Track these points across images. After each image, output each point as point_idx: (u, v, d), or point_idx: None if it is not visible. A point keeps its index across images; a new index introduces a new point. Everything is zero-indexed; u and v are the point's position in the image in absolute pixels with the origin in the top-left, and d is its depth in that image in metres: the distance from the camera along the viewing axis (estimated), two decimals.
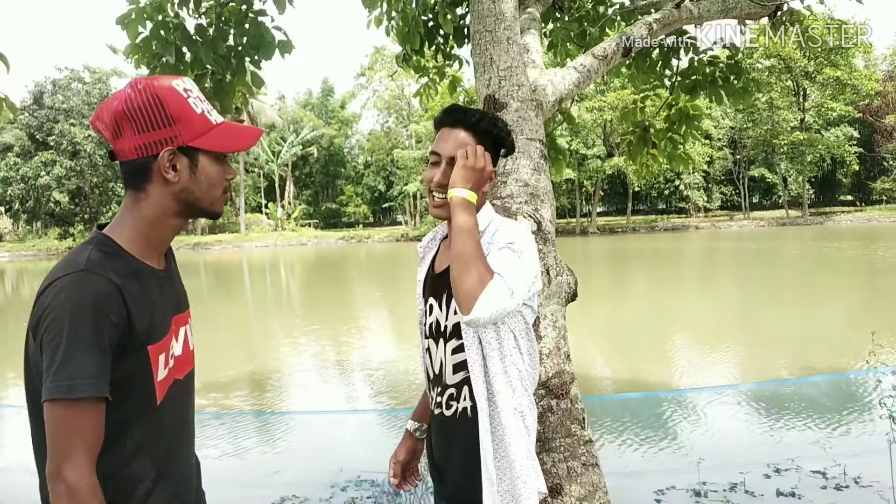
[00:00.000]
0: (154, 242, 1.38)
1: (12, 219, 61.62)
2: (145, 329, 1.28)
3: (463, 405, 1.69)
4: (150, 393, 1.31)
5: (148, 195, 1.34)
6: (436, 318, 1.76)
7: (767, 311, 13.38)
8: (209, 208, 1.41)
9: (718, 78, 4.84)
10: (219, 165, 1.39)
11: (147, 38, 3.41)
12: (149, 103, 1.29)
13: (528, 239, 1.64)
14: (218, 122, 1.37)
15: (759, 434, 5.20)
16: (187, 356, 1.46)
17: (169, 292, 1.42)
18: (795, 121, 50.12)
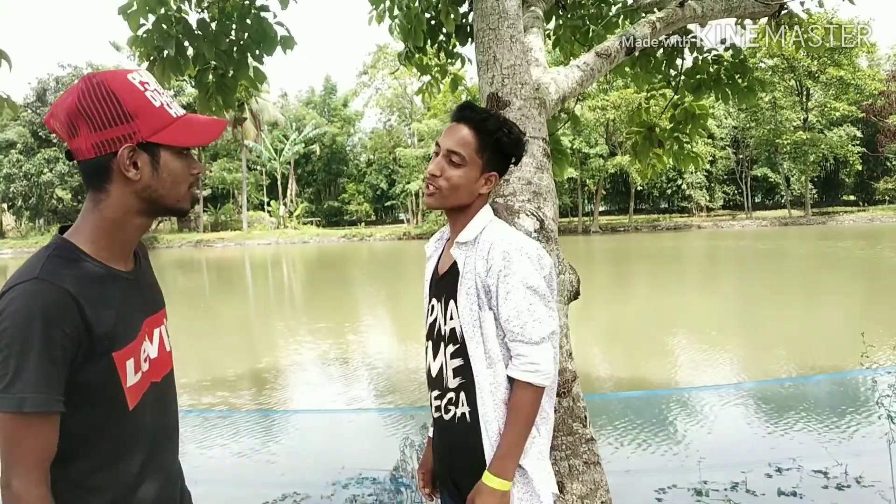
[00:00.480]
0: (118, 244, 1.32)
1: (15, 215, 61.73)
2: (107, 335, 1.23)
3: (461, 410, 1.70)
4: (119, 399, 1.27)
5: (109, 195, 1.28)
6: (437, 321, 1.78)
7: (769, 310, 13.37)
8: (174, 205, 1.34)
9: (723, 77, 4.83)
10: (182, 160, 1.32)
11: (149, 31, 3.41)
12: (104, 99, 1.23)
13: (533, 255, 1.66)
14: (178, 115, 1.31)
15: (760, 433, 5.20)
16: (164, 358, 1.43)
17: (138, 295, 1.37)
18: (798, 120, 50.00)
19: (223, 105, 3.79)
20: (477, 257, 1.68)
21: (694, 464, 4.26)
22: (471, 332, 1.67)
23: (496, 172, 1.75)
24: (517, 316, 1.62)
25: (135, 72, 1.29)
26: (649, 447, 4.99)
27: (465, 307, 1.68)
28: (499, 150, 1.72)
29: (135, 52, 3.53)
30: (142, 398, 1.32)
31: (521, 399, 1.62)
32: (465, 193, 1.72)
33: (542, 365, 1.62)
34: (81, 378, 1.21)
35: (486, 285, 1.66)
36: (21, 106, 4.29)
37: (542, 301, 1.64)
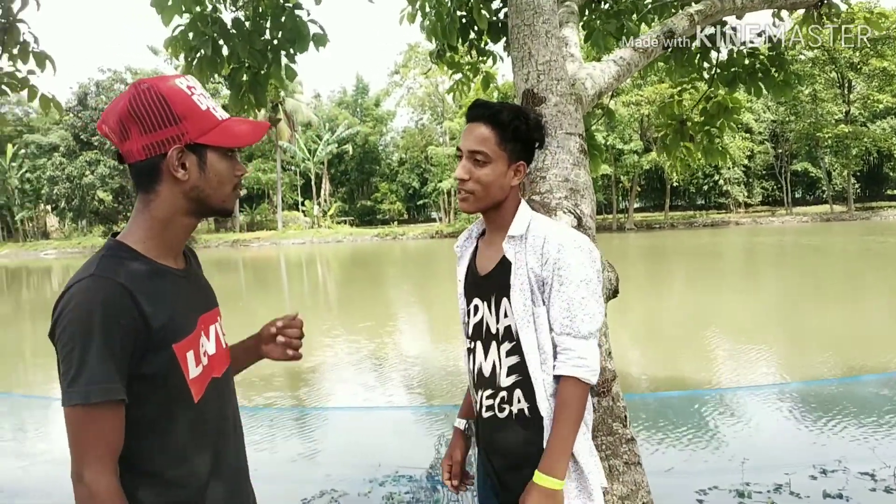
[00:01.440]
0: (168, 243, 1.37)
1: (59, 217, 63.49)
2: (163, 327, 1.27)
3: (518, 407, 1.69)
4: (183, 390, 1.32)
5: (158, 195, 1.33)
6: (484, 320, 1.76)
7: (812, 308, 13.06)
8: (220, 205, 1.39)
9: (759, 70, 4.72)
10: (227, 162, 1.37)
11: (184, 30, 3.46)
12: (154, 102, 1.28)
13: (585, 247, 1.66)
14: (223, 118, 1.36)
15: (804, 434, 5.07)
16: (222, 354, 1.47)
17: (191, 292, 1.41)
18: (840, 113, 48.67)
19: (255, 103, 3.84)
20: (528, 251, 1.67)
21: (736, 465, 4.17)
22: (525, 328, 1.66)
23: (523, 161, 1.73)
24: (568, 308, 1.62)
25: (182, 77, 1.34)
26: (689, 448, 4.91)
27: (518, 303, 1.67)
28: (519, 138, 1.70)
29: (171, 54, 3.59)
30: (205, 392, 1.37)
31: (571, 395, 1.62)
32: (498, 189, 1.71)
33: (590, 360, 1.62)
34: (146, 370, 1.25)
35: (539, 279, 1.65)
36: (64, 108, 4.42)
37: (593, 295, 1.64)
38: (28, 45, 3.70)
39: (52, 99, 3.86)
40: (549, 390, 1.65)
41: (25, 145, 59.90)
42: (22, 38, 3.67)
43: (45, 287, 29.31)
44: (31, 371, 11.05)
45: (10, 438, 6.15)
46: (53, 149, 56.56)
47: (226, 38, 3.46)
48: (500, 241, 1.75)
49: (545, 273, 1.64)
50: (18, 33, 3.64)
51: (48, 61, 3.72)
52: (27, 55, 3.70)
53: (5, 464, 5.30)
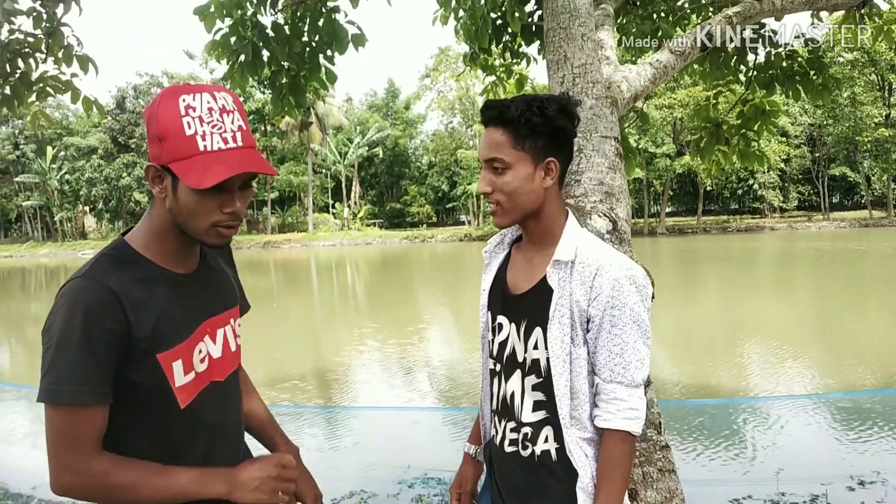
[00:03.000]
0: (170, 249, 1.34)
1: (96, 217, 65.05)
2: (146, 337, 1.25)
3: (544, 448, 1.52)
4: (169, 398, 1.30)
5: (154, 205, 1.33)
6: (510, 344, 1.57)
7: (850, 316, 12.75)
8: (195, 236, 1.30)
9: (797, 73, 4.64)
10: (201, 198, 1.24)
11: (225, 35, 3.53)
12: (151, 115, 1.25)
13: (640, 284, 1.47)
14: (209, 149, 1.22)
15: (841, 445, 4.96)
16: (228, 358, 1.44)
17: (195, 296, 1.37)
18: (880, 116, 47.50)
19: (295, 105, 3.89)
20: (575, 282, 1.47)
21: (770, 475, 4.10)
22: (560, 367, 1.48)
23: (552, 158, 1.48)
24: (620, 354, 1.44)
25: (192, 92, 1.24)
26: (724, 456, 4.83)
27: (556, 339, 1.47)
28: (538, 131, 1.46)
29: (211, 57, 3.66)
30: (198, 396, 1.35)
31: (620, 451, 1.45)
32: (528, 195, 1.49)
33: (641, 410, 1.46)
34: (133, 377, 1.25)
35: (584, 316, 1.46)
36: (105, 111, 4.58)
37: (644, 337, 1.47)
38: (71, 48, 3.80)
39: (95, 101, 3.96)
40: (581, 435, 1.49)
41: (65, 148, 61.54)
42: (66, 41, 3.77)
43: None
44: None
45: (35, 431, 6.30)
46: (92, 151, 57.92)
47: (265, 42, 3.51)
48: (539, 257, 1.55)
49: (593, 311, 1.45)
50: (62, 37, 3.74)
51: (91, 64, 3.82)
52: (71, 58, 3.80)
53: (44, 458, 5.43)
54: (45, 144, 62.94)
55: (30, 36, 3.82)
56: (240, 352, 1.50)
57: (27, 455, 5.54)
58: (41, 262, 51.01)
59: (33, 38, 3.81)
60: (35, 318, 18.46)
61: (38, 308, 20.95)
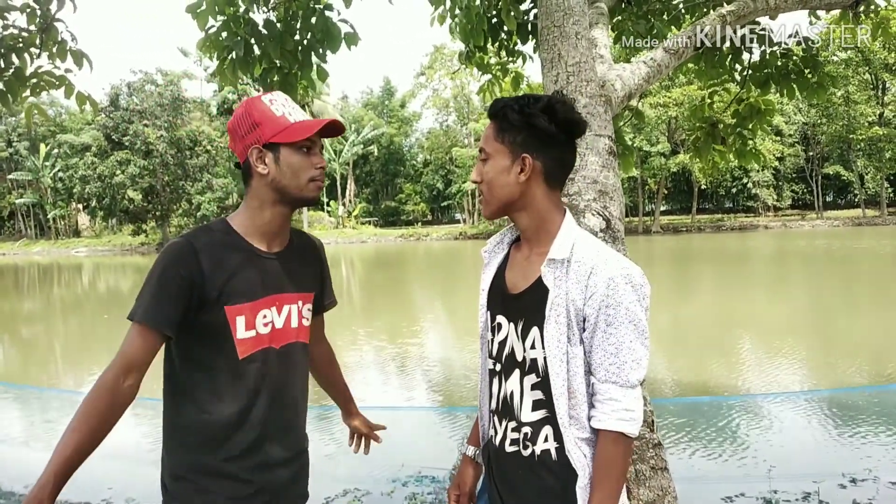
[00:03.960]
0: (260, 227, 1.64)
1: (90, 215, 64.73)
2: (217, 288, 1.54)
3: (544, 447, 1.52)
4: (229, 344, 1.57)
5: (251, 188, 1.64)
6: (509, 343, 1.58)
7: (843, 314, 12.81)
8: (299, 194, 1.62)
9: (792, 71, 4.65)
10: (301, 156, 1.61)
11: (217, 31, 3.51)
12: (242, 115, 1.61)
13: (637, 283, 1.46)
14: (297, 120, 1.60)
15: (833, 443, 4.98)
16: (287, 331, 1.68)
17: (271, 271, 1.65)
18: (874, 115, 47.70)
19: None
20: (570, 281, 1.47)
21: (762, 472, 4.12)
22: (556, 367, 1.48)
23: (528, 154, 1.50)
24: (616, 354, 1.44)
25: (269, 93, 1.65)
26: (716, 454, 4.85)
27: (552, 338, 1.48)
28: (516, 126, 1.50)
29: (204, 55, 3.65)
30: (253, 354, 1.60)
31: (615, 453, 1.45)
32: (503, 188, 1.53)
33: (636, 412, 1.45)
34: (203, 319, 1.55)
35: (580, 315, 1.46)
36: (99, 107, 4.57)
37: (641, 337, 1.46)
38: (65, 43, 3.78)
39: (88, 96, 3.95)
40: (579, 434, 1.50)
41: (58, 145, 61.20)
42: (60, 36, 3.76)
43: (75, 284, 29.89)
44: (62, 367, 11.27)
45: (40, 432, 6.28)
46: (85, 149, 57.58)
47: (258, 39, 3.50)
48: (535, 256, 1.56)
49: (588, 310, 1.45)
50: (57, 32, 3.73)
51: (85, 59, 3.81)
52: (65, 53, 3.79)
53: (36, 457, 5.42)
54: (38, 142, 62.66)
55: (24, 31, 3.80)
56: (303, 330, 1.73)
57: (20, 454, 5.53)
58: (34, 259, 50.80)
59: (27, 33, 3.80)
60: (28, 316, 18.39)
61: (32, 307, 20.87)
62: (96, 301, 21.59)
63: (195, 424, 1.58)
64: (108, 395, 1.48)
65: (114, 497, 4.08)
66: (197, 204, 53.64)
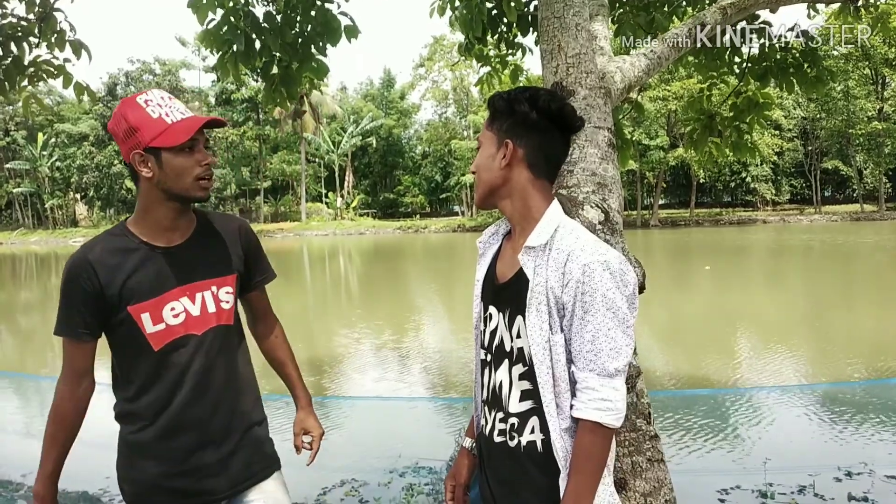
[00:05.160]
0: (153, 224, 1.70)
1: (87, 205, 64.66)
2: (118, 293, 1.64)
3: (529, 438, 1.51)
4: (141, 341, 1.67)
5: (140, 189, 1.69)
6: (499, 333, 1.58)
7: (839, 308, 12.85)
8: (184, 194, 1.66)
9: (791, 65, 4.64)
10: (184, 157, 1.63)
11: (217, 24, 3.50)
12: (118, 120, 1.64)
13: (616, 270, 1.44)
14: (175, 121, 1.62)
15: (829, 436, 5.01)
16: (207, 317, 1.74)
17: (173, 264, 1.70)
18: (873, 110, 47.62)
19: (287, 96, 3.86)
20: (550, 268, 1.46)
21: (758, 465, 4.13)
22: (540, 356, 1.47)
23: (509, 139, 1.53)
24: (592, 342, 1.42)
25: (144, 93, 1.66)
26: (712, 447, 4.87)
27: (534, 327, 1.47)
28: (502, 114, 1.55)
29: (204, 47, 3.63)
30: (169, 344, 1.69)
31: (591, 443, 1.43)
32: (487, 173, 1.56)
33: (615, 402, 1.42)
34: (113, 322, 1.67)
35: (559, 303, 1.45)
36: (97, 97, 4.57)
37: (622, 326, 1.43)
38: (64, 33, 3.77)
39: (86, 86, 3.93)
40: (564, 425, 1.47)
41: (56, 134, 61.00)
42: (59, 26, 3.74)
43: None
44: (58, 356, 11.26)
45: (37, 421, 6.29)
46: (83, 138, 57.45)
47: (258, 32, 3.48)
48: (520, 245, 1.55)
49: (566, 297, 1.44)
50: (55, 22, 3.71)
51: (83, 50, 3.79)
52: (63, 43, 3.77)
53: (33, 446, 5.43)
54: (35, 131, 62.39)
55: (22, 20, 3.78)
56: (223, 313, 1.77)
57: (18, 443, 5.54)
58: (32, 249, 50.72)
59: (26, 22, 3.78)
60: (26, 306, 18.38)
61: (29, 296, 20.86)
62: None
63: (125, 410, 1.73)
64: (69, 403, 1.72)
65: (111, 485, 4.09)
66: None
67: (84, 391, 1.73)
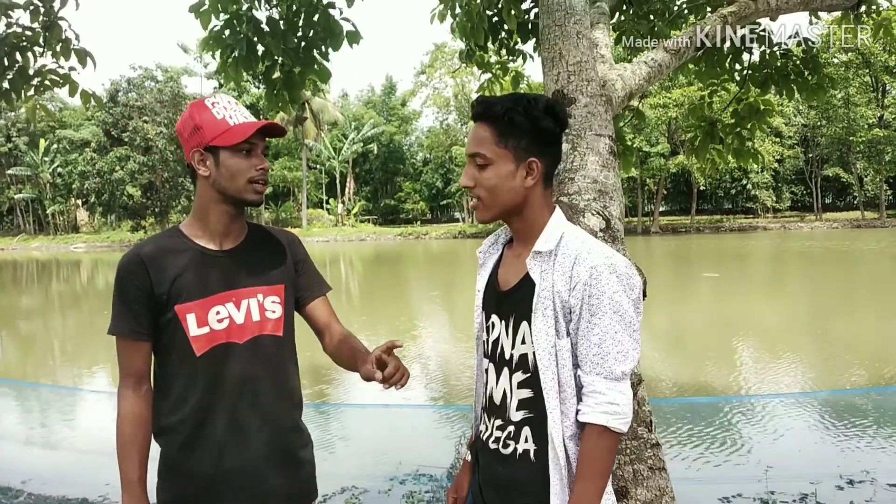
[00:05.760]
0: (207, 227, 1.71)
1: (89, 211, 64.68)
2: (167, 291, 1.63)
3: (524, 447, 1.51)
4: (185, 343, 1.64)
5: (198, 190, 1.71)
6: (500, 341, 1.58)
7: (841, 316, 12.82)
8: (237, 195, 1.68)
9: (792, 72, 4.66)
10: (240, 158, 1.65)
11: (219, 29, 3.51)
12: (185, 120, 1.67)
13: (623, 273, 1.43)
14: (237, 123, 1.64)
15: (831, 444, 4.99)
16: (250, 325, 1.71)
17: (222, 268, 1.70)
18: (874, 117, 47.68)
19: (289, 100, 3.87)
20: (556, 272, 1.46)
21: (760, 473, 4.12)
22: (546, 361, 1.46)
23: (535, 158, 1.49)
24: (599, 345, 1.41)
25: (211, 96, 1.69)
26: (714, 454, 4.85)
27: (540, 332, 1.46)
28: (522, 129, 1.47)
29: (205, 52, 3.65)
30: (210, 350, 1.65)
31: (598, 447, 1.42)
32: (507, 193, 1.50)
33: (622, 406, 1.41)
34: (160, 322, 1.65)
35: (566, 307, 1.44)
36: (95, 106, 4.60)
37: (628, 330, 1.42)
38: (69, 42, 3.78)
39: (93, 94, 3.95)
40: (569, 432, 1.46)
41: (58, 141, 61.13)
42: (63, 35, 3.75)
43: (74, 280, 29.86)
44: (59, 363, 11.26)
45: (38, 428, 6.28)
46: (85, 144, 57.53)
47: (260, 37, 3.50)
48: (525, 252, 1.54)
49: (573, 300, 1.43)
50: (60, 31, 3.73)
51: (88, 58, 3.80)
52: (69, 52, 3.79)
53: (34, 453, 5.42)
54: (37, 137, 62.52)
55: (27, 30, 3.79)
56: (268, 323, 1.73)
57: (18, 450, 5.52)
58: (33, 255, 50.74)
59: (31, 31, 3.79)
60: (27, 312, 18.38)
61: (30, 302, 20.85)
62: (95, 297, 21.55)
63: (165, 424, 1.68)
64: (136, 404, 1.65)
65: (111, 493, 4.08)
66: None
67: (146, 394, 1.68)
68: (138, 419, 1.65)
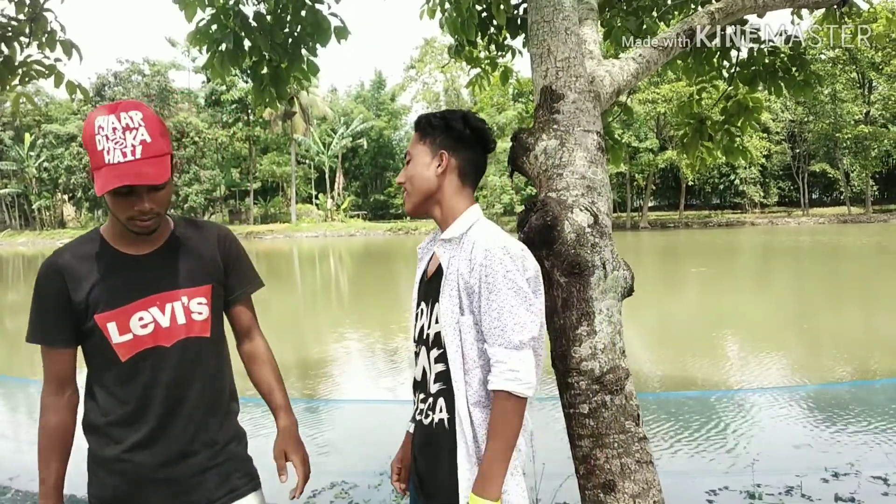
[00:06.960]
0: (121, 232, 1.67)
1: (75, 206, 64.18)
2: (85, 301, 1.61)
3: (440, 416, 1.69)
4: (108, 351, 1.63)
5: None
6: (423, 324, 1.76)
7: (827, 310, 12.95)
8: (124, 224, 1.61)
9: (779, 69, 4.68)
10: (119, 198, 1.54)
11: (206, 23, 3.48)
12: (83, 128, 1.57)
13: (516, 254, 1.61)
14: (112, 162, 1.50)
15: (816, 437, 5.05)
16: (177, 328, 1.68)
17: (143, 273, 1.66)
18: (860, 114, 48.07)
19: (276, 96, 3.85)
20: (461, 257, 1.66)
21: (746, 466, 4.17)
22: (451, 336, 1.64)
23: (445, 150, 1.74)
24: (497, 318, 1.57)
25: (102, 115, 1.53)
26: (701, 448, 4.90)
27: (446, 310, 1.65)
28: (436, 129, 1.75)
29: (193, 47, 3.62)
30: (137, 355, 1.64)
31: (503, 411, 1.56)
32: (422, 180, 1.75)
33: (523, 373, 1.56)
34: (83, 329, 1.63)
35: (468, 286, 1.62)
36: (81, 100, 4.55)
37: (524, 303, 1.58)
38: (55, 33, 3.75)
39: (79, 85, 3.92)
40: (472, 399, 1.62)
41: (43, 135, 60.50)
42: (49, 26, 3.72)
43: None
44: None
45: (26, 425, 6.24)
46: (71, 139, 57.03)
47: (247, 32, 3.47)
48: None
49: (472, 280, 1.61)
50: (46, 22, 3.70)
51: (74, 49, 3.77)
52: (54, 43, 3.75)
53: (21, 449, 5.38)
54: (22, 132, 61.87)
55: (13, 20, 3.76)
56: (195, 325, 1.71)
57: (6, 447, 5.49)
58: (19, 250, 50.28)
59: (17, 22, 3.75)
60: (13, 308, 18.21)
61: (15, 298, 20.65)
62: None
63: (94, 423, 1.68)
64: (55, 415, 1.66)
65: None
66: (184, 196, 53.30)
67: (69, 400, 1.69)
68: (58, 426, 1.67)
